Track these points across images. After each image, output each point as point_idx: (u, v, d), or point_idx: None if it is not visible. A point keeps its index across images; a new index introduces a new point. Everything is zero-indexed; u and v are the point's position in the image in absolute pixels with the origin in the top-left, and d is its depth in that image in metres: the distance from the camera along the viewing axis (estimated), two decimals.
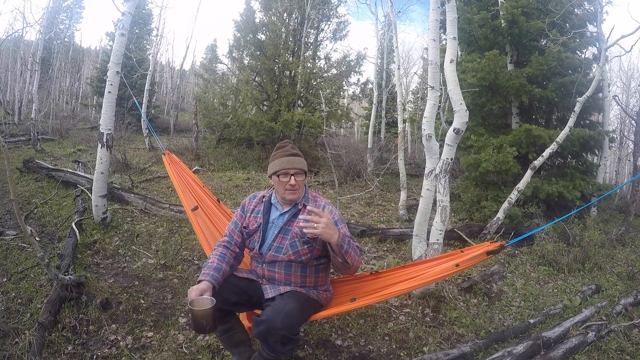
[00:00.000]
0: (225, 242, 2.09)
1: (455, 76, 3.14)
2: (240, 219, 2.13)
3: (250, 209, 2.13)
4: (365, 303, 2.07)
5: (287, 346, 1.79)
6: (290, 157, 1.99)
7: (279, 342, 1.75)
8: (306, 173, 2.05)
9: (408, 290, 2.41)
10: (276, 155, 2.04)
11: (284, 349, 1.79)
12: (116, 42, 4.24)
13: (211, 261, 1.96)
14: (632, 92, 17.40)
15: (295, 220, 2.00)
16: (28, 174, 6.25)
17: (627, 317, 3.05)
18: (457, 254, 2.08)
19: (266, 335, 1.75)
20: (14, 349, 2.16)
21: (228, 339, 2.08)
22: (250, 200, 2.17)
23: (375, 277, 2.24)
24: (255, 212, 2.10)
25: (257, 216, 2.08)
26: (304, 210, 2.00)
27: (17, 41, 16.75)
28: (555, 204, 5.70)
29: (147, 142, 11.22)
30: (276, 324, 1.72)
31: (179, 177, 3.10)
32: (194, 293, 1.78)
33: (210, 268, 1.92)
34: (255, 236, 2.04)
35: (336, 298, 2.18)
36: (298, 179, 1.98)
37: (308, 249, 1.98)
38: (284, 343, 1.76)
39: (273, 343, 1.76)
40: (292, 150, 2.03)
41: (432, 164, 3.26)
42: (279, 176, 1.98)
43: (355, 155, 9.60)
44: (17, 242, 3.70)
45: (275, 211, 2.07)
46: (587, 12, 6.49)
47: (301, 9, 11.12)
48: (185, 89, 25.77)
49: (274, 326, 1.72)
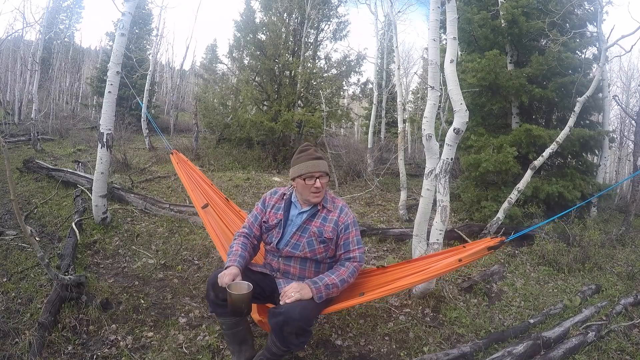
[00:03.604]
0: (245, 233, 2.19)
1: (455, 76, 3.14)
2: (261, 213, 2.22)
3: (271, 205, 2.22)
4: (374, 297, 2.16)
5: (301, 338, 1.84)
6: (315, 161, 2.07)
7: (294, 333, 1.79)
8: (329, 175, 2.14)
9: (414, 284, 2.48)
10: (300, 158, 2.11)
11: (297, 340, 1.83)
12: (116, 42, 4.24)
13: (235, 249, 2.07)
14: (632, 92, 17.39)
15: (314, 220, 2.10)
16: (28, 174, 6.25)
17: (627, 317, 3.06)
18: (459, 249, 2.15)
19: (283, 326, 1.78)
20: (14, 349, 2.16)
21: (234, 335, 2.11)
22: (272, 196, 2.25)
23: (382, 272, 2.31)
24: (276, 208, 2.19)
25: (278, 212, 2.17)
26: (322, 210, 2.13)
27: (17, 41, 16.76)
28: (555, 204, 5.70)
29: (147, 142, 11.21)
30: (294, 314, 1.77)
31: (188, 176, 3.16)
32: (227, 278, 1.86)
33: (235, 255, 2.02)
34: (274, 231, 2.13)
35: (345, 292, 2.22)
36: (322, 182, 2.07)
37: (324, 248, 2.08)
38: (298, 334, 1.81)
39: (288, 334, 1.79)
40: (315, 154, 2.11)
41: (432, 164, 3.26)
42: (304, 179, 2.06)
43: (355, 155, 9.61)
44: (17, 242, 3.69)
45: (294, 209, 2.17)
46: (587, 12, 6.49)
47: (301, 9, 11.12)
48: (185, 89, 25.78)
49: (292, 317, 1.76)
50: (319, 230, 2.07)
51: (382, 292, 2.07)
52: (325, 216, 2.12)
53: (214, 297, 1.98)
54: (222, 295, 1.91)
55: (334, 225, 2.09)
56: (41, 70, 11.88)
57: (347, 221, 2.11)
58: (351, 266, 2.05)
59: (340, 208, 2.15)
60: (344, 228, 2.10)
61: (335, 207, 2.15)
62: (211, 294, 1.99)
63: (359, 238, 2.14)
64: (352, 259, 2.08)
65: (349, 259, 2.08)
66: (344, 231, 2.10)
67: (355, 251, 2.10)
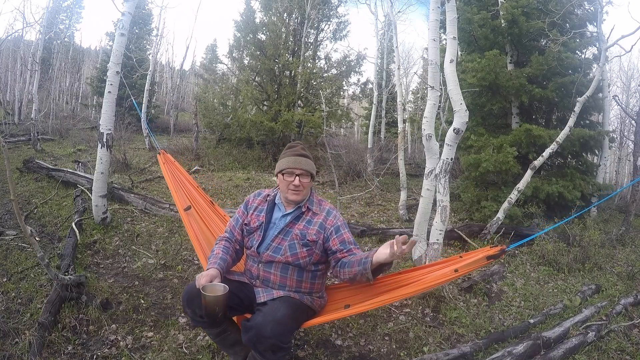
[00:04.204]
0: (227, 237, 2.08)
1: (455, 76, 3.15)
2: (242, 216, 2.10)
3: (253, 207, 2.09)
4: (359, 310, 1.99)
5: (278, 354, 1.71)
6: (298, 157, 1.96)
7: (269, 350, 1.68)
8: (313, 176, 2.00)
9: (404, 297, 2.30)
10: (285, 154, 2.00)
11: (275, 356, 1.71)
12: (116, 42, 4.24)
13: (216, 252, 1.96)
14: (632, 92, 17.39)
15: (297, 223, 1.97)
16: (28, 174, 6.25)
17: (627, 317, 3.06)
18: (455, 259, 1.99)
19: (255, 343, 1.68)
20: (14, 349, 2.16)
21: (222, 340, 2.04)
22: (255, 198, 2.14)
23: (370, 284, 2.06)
24: (258, 211, 2.06)
25: (260, 215, 2.04)
26: (307, 213, 1.99)
27: (17, 41, 16.76)
28: (555, 204, 5.70)
29: (147, 142, 11.22)
30: (266, 332, 1.65)
31: (173, 176, 3.05)
32: (204, 279, 1.75)
33: (216, 257, 1.92)
34: (256, 234, 2.00)
35: (330, 305, 2.11)
36: (303, 181, 1.94)
37: (307, 252, 1.93)
38: (274, 351, 1.69)
39: (263, 351, 1.69)
40: (301, 151, 1.99)
41: (432, 164, 3.26)
42: (284, 175, 1.95)
43: (355, 155, 9.61)
44: (17, 242, 3.69)
45: (278, 211, 2.04)
46: (587, 12, 6.49)
47: (301, 9, 11.12)
48: (185, 89, 25.78)
49: (263, 334, 1.65)
50: (302, 232, 1.93)
51: (369, 305, 1.92)
52: (310, 219, 1.98)
53: (192, 314, 1.85)
54: (199, 311, 1.78)
55: (318, 227, 1.95)
56: (41, 70, 11.88)
57: (337, 223, 1.97)
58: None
59: (327, 211, 2.01)
60: (334, 230, 1.95)
61: (322, 209, 2.01)
62: (187, 310, 1.87)
63: (353, 239, 1.99)
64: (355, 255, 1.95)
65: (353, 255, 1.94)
66: (335, 233, 1.95)
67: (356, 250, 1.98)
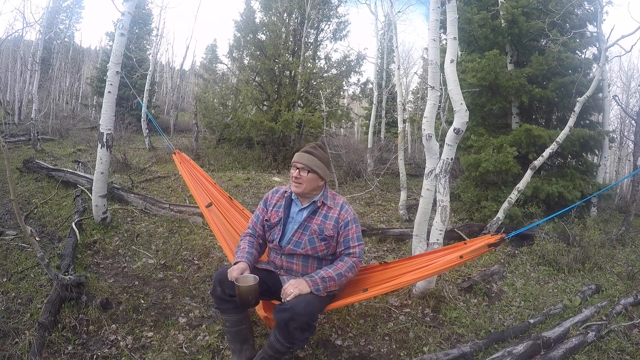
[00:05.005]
0: (250, 233, 2.27)
1: (455, 76, 3.14)
2: (262, 212, 2.29)
3: (272, 203, 2.28)
4: (377, 293, 2.19)
5: (306, 333, 1.90)
6: (304, 153, 2.16)
7: (299, 328, 1.85)
8: (317, 173, 2.14)
9: (416, 280, 2.49)
10: (299, 150, 2.24)
11: (302, 336, 1.90)
12: (116, 42, 4.24)
13: (242, 247, 2.16)
14: (632, 92, 17.40)
15: (315, 218, 2.15)
16: (28, 174, 6.25)
17: (627, 317, 3.05)
18: (460, 245, 2.19)
19: (288, 322, 1.83)
20: (14, 349, 2.16)
21: (237, 333, 2.14)
22: (273, 195, 2.32)
23: (384, 268, 2.34)
24: (277, 207, 2.25)
25: (279, 210, 2.22)
26: (322, 207, 2.18)
27: (17, 41, 16.76)
28: (555, 204, 5.70)
29: (147, 142, 11.22)
30: (300, 310, 1.82)
31: (191, 175, 3.19)
32: (236, 272, 1.94)
33: (243, 251, 2.11)
34: (276, 229, 2.19)
35: (348, 288, 2.25)
36: (302, 174, 2.12)
37: (325, 246, 2.13)
38: (303, 330, 1.87)
39: (294, 329, 1.85)
40: (309, 149, 2.19)
41: (432, 164, 3.26)
42: (291, 168, 2.18)
43: (355, 155, 9.61)
44: (17, 242, 3.69)
45: (295, 206, 2.22)
46: (587, 12, 6.49)
47: (301, 9, 11.12)
48: (185, 89, 25.78)
49: (298, 312, 1.82)
50: (320, 228, 2.12)
51: (386, 288, 2.11)
52: (326, 214, 2.17)
53: (221, 293, 2.03)
54: (229, 290, 1.97)
55: (334, 222, 2.15)
56: (41, 70, 11.87)
57: (347, 218, 2.16)
58: (349, 261, 2.10)
59: (340, 205, 2.20)
60: (344, 225, 2.15)
61: (336, 204, 2.20)
62: (218, 289, 2.04)
63: (359, 235, 2.18)
64: (351, 254, 2.13)
65: (348, 255, 2.14)
66: (344, 228, 2.14)
67: (355, 247, 2.14)
